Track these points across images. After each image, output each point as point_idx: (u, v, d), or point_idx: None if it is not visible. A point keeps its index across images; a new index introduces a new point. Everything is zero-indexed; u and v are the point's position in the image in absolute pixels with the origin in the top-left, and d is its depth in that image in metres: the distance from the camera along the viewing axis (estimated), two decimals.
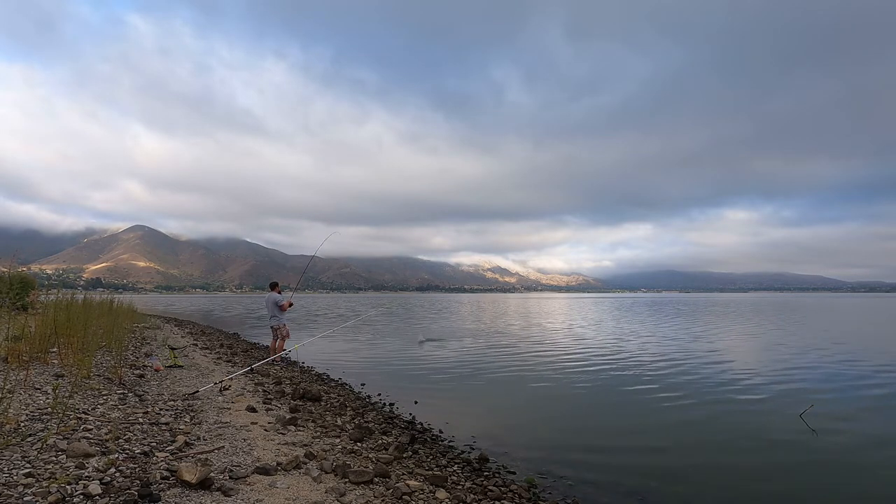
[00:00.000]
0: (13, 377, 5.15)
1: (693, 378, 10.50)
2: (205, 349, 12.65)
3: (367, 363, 12.62)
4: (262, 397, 7.01)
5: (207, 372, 8.76)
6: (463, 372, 11.33)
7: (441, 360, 13.20)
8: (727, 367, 11.88)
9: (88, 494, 2.98)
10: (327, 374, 10.64)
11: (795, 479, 5.18)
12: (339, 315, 37.31)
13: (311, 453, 4.49)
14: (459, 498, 4.05)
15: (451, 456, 5.43)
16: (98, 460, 3.52)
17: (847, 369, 11.57)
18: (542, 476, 5.09)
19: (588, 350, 15.35)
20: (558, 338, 19.43)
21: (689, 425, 7.09)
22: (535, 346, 16.62)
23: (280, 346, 11.15)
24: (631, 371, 11.45)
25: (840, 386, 9.72)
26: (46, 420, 4.20)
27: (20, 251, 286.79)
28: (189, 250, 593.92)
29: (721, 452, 5.98)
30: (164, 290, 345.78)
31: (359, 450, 4.98)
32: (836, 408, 7.98)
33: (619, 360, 12.99)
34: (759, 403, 8.30)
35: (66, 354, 6.79)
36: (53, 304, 8.50)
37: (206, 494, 3.30)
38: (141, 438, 4.21)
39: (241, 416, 5.63)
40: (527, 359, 13.37)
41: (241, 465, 3.96)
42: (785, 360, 13.14)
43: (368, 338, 19.06)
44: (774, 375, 10.80)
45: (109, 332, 8.84)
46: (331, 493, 3.68)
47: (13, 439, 3.62)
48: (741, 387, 9.61)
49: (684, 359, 13.32)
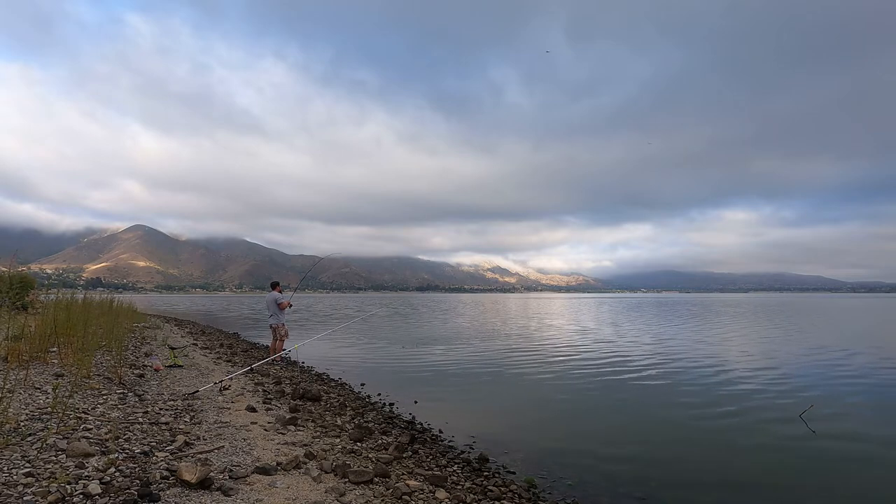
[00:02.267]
0: (13, 377, 5.15)
1: (693, 378, 10.50)
2: (205, 349, 12.65)
3: (366, 363, 12.61)
4: (262, 397, 7.01)
5: (207, 372, 8.76)
6: (463, 372, 11.33)
7: (441, 360, 13.20)
8: (727, 367, 11.88)
9: (88, 494, 2.98)
10: (327, 374, 10.63)
11: (795, 479, 5.18)
12: (345, 315, 37.28)
13: (310, 453, 4.48)
14: (459, 498, 4.05)
15: (451, 456, 5.43)
16: (98, 460, 3.52)
17: (847, 369, 11.57)
18: (542, 476, 5.09)
19: (588, 350, 15.35)
20: (558, 338, 19.42)
21: (689, 425, 7.09)
22: (534, 346, 16.62)
23: (279, 345, 11.16)
24: (630, 371, 11.44)
25: (840, 386, 9.72)
26: (46, 420, 4.20)
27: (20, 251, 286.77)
28: (189, 250, 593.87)
29: (721, 452, 5.98)
30: (163, 289, 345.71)
31: (359, 450, 4.98)
32: (836, 408, 7.99)
33: (619, 360, 12.99)
34: (760, 403, 8.30)
35: (66, 354, 6.78)
36: (53, 303, 8.50)
37: (205, 494, 3.30)
38: (141, 438, 4.21)
39: (241, 416, 5.63)
40: (527, 359, 13.37)
41: (240, 465, 3.96)
42: (785, 360, 13.14)
43: (368, 338, 19.05)
44: (774, 375, 10.79)
45: (109, 331, 8.83)
46: (331, 492, 3.68)
47: (13, 439, 3.62)
48: (741, 387, 9.60)
49: (684, 359, 13.32)
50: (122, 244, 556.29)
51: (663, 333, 21.32)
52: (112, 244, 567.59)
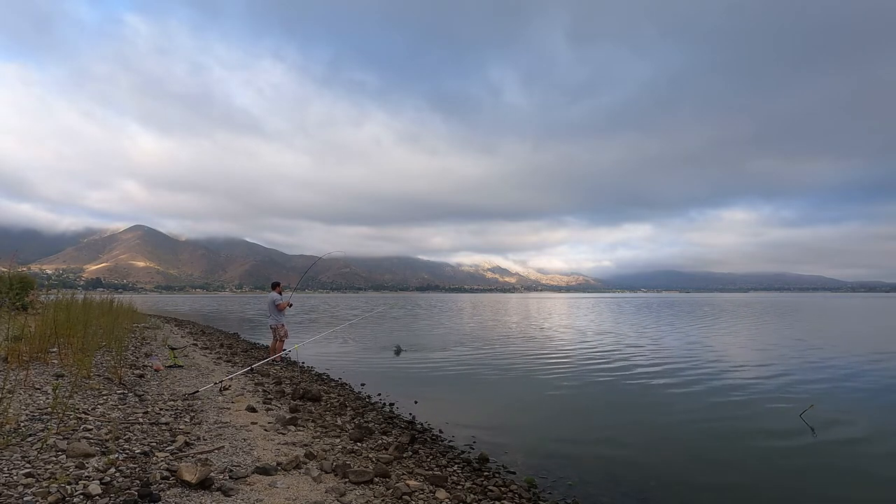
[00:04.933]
0: (13, 377, 5.15)
1: (693, 378, 10.50)
2: (205, 349, 12.65)
3: (367, 363, 12.60)
4: (262, 397, 7.01)
5: (207, 372, 8.76)
6: (463, 372, 11.33)
7: (441, 360, 13.19)
8: (727, 367, 11.88)
9: (88, 494, 2.98)
10: (327, 374, 10.63)
11: (795, 479, 5.18)
12: (345, 315, 37.26)
13: (311, 453, 4.49)
14: (459, 498, 4.05)
15: (451, 456, 5.43)
16: (98, 460, 3.52)
17: (847, 369, 11.57)
18: (542, 476, 5.09)
19: (588, 350, 15.34)
20: (558, 338, 19.42)
21: (690, 425, 7.09)
22: (534, 346, 16.61)
23: (279, 346, 11.16)
24: (631, 371, 11.45)
25: (840, 386, 9.72)
26: (46, 420, 4.20)
27: (20, 251, 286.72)
28: (189, 250, 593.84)
29: (721, 452, 5.98)
30: (163, 290, 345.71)
31: (359, 450, 4.98)
32: (836, 408, 7.98)
33: (620, 361, 12.98)
34: (759, 403, 8.30)
35: (66, 354, 6.79)
36: (53, 303, 8.50)
37: (206, 494, 3.30)
38: (141, 438, 4.21)
39: (241, 416, 5.63)
40: (527, 359, 13.37)
41: (241, 465, 3.96)
42: (785, 360, 13.14)
43: (369, 338, 19.05)
44: (774, 375, 10.80)
45: (109, 332, 8.83)
46: (331, 493, 3.68)
47: (13, 439, 3.62)
48: (741, 387, 9.60)
49: (684, 359, 13.32)
50: (121, 244, 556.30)
51: (663, 333, 21.31)
52: (112, 244, 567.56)
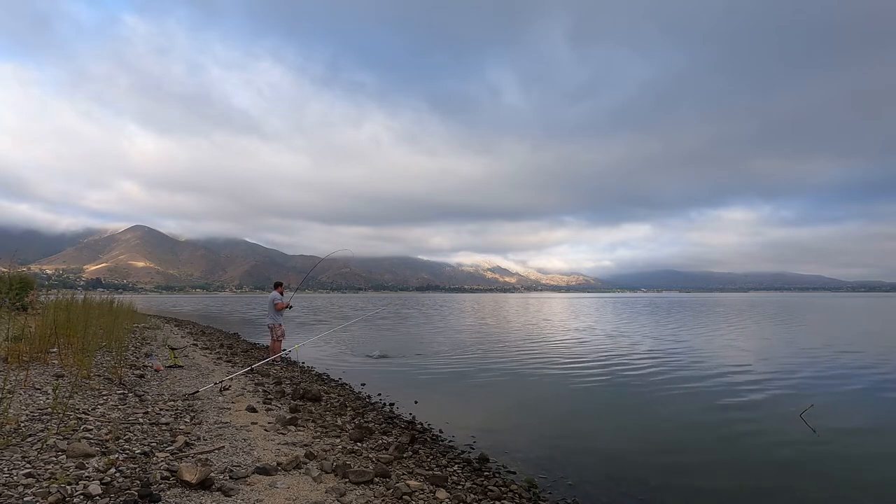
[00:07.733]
0: (13, 377, 5.15)
1: (693, 378, 10.50)
2: (205, 349, 12.65)
3: (367, 363, 12.61)
4: (263, 397, 7.01)
5: (207, 372, 8.76)
6: (463, 372, 11.32)
7: (441, 360, 13.19)
8: (727, 367, 11.87)
9: (88, 495, 2.98)
10: (327, 374, 10.63)
11: (795, 479, 5.18)
12: (345, 315, 37.26)
13: (311, 453, 4.49)
14: (460, 498, 4.05)
15: (452, 456, 5.43)
16: (98, 460, 3.52)
17: (847, 369, 11.57)
18: (542, 476, 5.09)
19: (588, 350, 15.34)
20: (558, 338, 19.42)
21: (689, 425, 7.09)
22: (535, 346, 16.61)
23: (277, 346, 11.15)
24: (630, 371, 11.44)
25: (840, 386, 9.72)
26: (46, 420, 4.20)
27: (19, 251, 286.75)
28: (189, 250, 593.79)
29: (721, 452, 5.98)
30: (163, 290, 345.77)
31: (359, 450, 4.98)
32: (836, 408, 7.99)
33: (620, 361, 12.98)
34: (760, 403, 8.30)
35: (66, 354, 6.79)
36: (53, 304, 8.50)
37: (206, 494, 3.30)
38: (141, 438, 4.21)
39: (242, 417, 5.63)
40: (527, 359, 13.36)
41: (241, 466, 3.96)
42: (785, 359, 13.14)
43: (369, 338, 19.04)
44: (775, 375, 10.79)
45: (109, 332, 8.83)
46: (331, 493, 3.68)
47: (13, 439, 3.62)
48: (741, 386, 9.60)
49: (684, 358, 13.31)
50: (121, 244, 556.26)
51: (663, 333, 21.31)
52: (112, 245, 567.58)
